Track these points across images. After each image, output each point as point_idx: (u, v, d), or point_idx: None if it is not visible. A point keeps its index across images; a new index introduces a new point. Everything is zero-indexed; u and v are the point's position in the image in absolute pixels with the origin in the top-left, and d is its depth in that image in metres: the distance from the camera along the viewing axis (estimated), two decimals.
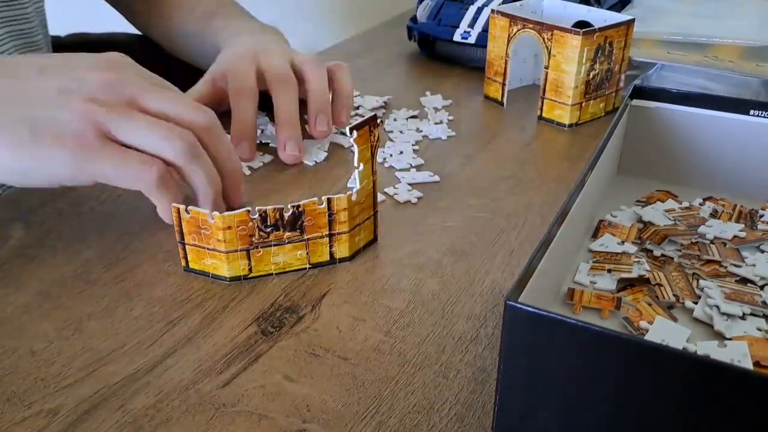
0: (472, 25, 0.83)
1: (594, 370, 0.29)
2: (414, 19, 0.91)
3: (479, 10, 0.83)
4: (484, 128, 0.70)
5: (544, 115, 0.71)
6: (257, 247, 0.46)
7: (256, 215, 0.44)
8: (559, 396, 0.31)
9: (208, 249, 0.45)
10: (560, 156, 0.64)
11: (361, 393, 0.38)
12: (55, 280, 0.46)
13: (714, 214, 0.52)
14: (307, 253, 0.47)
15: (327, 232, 0.47)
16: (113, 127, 0.45)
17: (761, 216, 0.51)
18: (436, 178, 0.59)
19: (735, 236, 0.49)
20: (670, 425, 0.29)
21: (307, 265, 0.48)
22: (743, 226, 0.50)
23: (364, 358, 0.40)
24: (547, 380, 0.31)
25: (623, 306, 0.43)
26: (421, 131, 0.68)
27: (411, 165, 0.61)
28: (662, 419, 0.29)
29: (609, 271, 0.46)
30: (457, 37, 0.83)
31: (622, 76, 0.72)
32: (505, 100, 0.75)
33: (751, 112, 0.53)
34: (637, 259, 0.47)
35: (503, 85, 0.74)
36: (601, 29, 0.66)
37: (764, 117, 0.53)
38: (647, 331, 0.41)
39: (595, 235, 0.50)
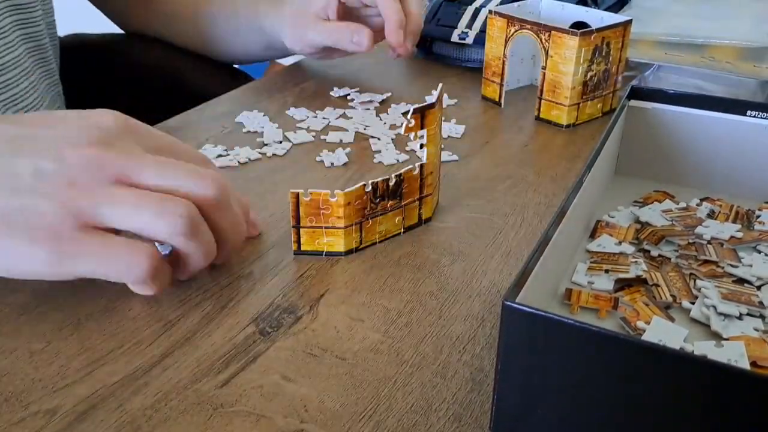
0: (469, 25, 0.83)
1: (591, 370, 0.30)
2: None
3: (477, 11, 0.83)
4: (481, 129, 0.70)
5: (541, 115, 0.71)
6: (368, 219, 0.49)
7: (369, 188, 0.48)
8: (556, 396, 0.31)
9: (325, 228, 0.48)
10: (558, 156, 0.64)
11: (358, 393, 0.38)
12: (53, 280, 0.46)
13: (711, 215, 0.52)
14: (403, 218, 0.51)
15: (418, 196, 0.52)
16: (95, 213, 0.38)
17: (758, 216, 0.52)
18: (455, 157, 0.64)
19: (732, 237, 0.49)
20: (667, 425, 0.29)
21: (402, 230, 0.52)
22: (740, 226, 0.50)
23: (362, 359, 0.40)
24: (544, 380, 0.31)
25: (620, 306, 0.43)
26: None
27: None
28: (659, 419, 0.29)
29: (606, 271, 0.46)
30: (454, 38, 0.83)
31: (620, 77, 0.72)
32: (502, 101, 0.75)
33: (748, 112, 0.53)
34: (634, 260, 0.47)
35: (501, 85, 0.74)
36: (598, 30, 0.66)
37: (761, 118, 0.53)
38: (644, 331, 0.41)
39: (593, 236, 0.50)
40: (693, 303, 0.43)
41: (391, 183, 0.49)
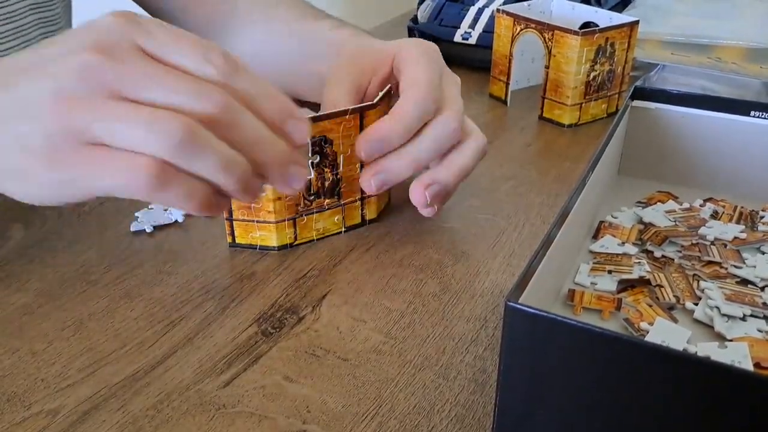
0: (473, 25, 0.83)
1: (594, 371, 0.29)
2: (415, 19, 0.91)
3: (480, 11, 0.83)
4: (485, 128, 0.70)
5: (544, 114, 0.71)
6: (302, 215, 0.49)
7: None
8: (559, 397, 0.31)
9: (257, 222, 0.48)
10: (561, 157, 0.64)
11: (361, 394, 0.38)
12: (55, 281, 0.46)
13: (714, 216, 0.52)
14: (343, 218, 0.51)
15: (359, 197, 0.51)
16: (90, 130, 0.36)
17: (762, 217, 0.51)
18: None
19: (735, 237, 0.49)
20: (669, 426, 0.29)
21: (343, 229, 0.51)
22: (744, 227, 0.50)
23: (365, 359, 0.40)
24: (547, 381, 0.31)
25: (624, 307, 0.43)
26: None
27: None
28: (662, 420, 0.29)
29: (609, 272, 0.46)
30: (457, 38, 0.83)
31: (626, 78, 0.71)
32: (508, 100, 0.75)
33: (752, 113, 0.53)
34: (637, 260, 0.47)
35: (507, 84, 0.74)
36: (601, 30, 0.66)
37: (764, 118, 0.53)
38: (647, 332, 0.41)
39: (596, 236, 0.50)
40: (696, 304, 0.43)
41: (327, 181, 0.49)
